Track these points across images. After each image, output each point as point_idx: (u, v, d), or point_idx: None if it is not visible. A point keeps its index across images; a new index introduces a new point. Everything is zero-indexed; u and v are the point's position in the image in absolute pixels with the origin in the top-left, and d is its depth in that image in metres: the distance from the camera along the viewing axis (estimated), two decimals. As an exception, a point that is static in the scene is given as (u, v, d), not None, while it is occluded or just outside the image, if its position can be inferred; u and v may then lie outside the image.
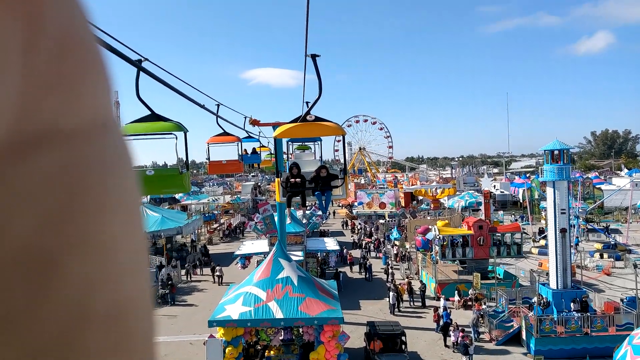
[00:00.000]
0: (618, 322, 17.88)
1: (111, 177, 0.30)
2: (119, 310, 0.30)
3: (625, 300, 19.48)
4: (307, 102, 10.07)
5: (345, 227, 49.98)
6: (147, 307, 0.32)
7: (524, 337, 18.73)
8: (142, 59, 4.73)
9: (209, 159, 11.58)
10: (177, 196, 59.84)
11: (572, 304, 18.98)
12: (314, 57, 6.82)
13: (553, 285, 19.85)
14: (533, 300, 19.87)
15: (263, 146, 16.88)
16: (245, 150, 13.71)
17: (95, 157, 0.29)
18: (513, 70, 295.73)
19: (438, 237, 24.71)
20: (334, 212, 57.67)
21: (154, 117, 5.78)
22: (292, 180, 7.78)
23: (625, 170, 75.99)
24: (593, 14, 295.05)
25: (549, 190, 19.97)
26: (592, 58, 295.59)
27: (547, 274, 21.80)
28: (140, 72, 4.78)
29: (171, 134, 5.91)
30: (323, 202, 7.99)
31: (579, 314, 18.39)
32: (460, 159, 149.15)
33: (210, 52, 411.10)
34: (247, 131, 14.04)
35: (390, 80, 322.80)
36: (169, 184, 6.30)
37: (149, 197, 47.18)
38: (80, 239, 0.28)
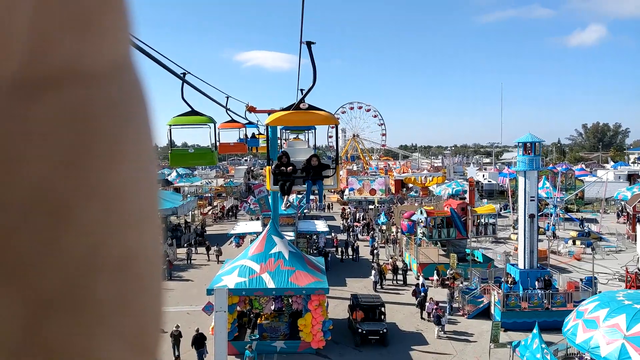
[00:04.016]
0: (576, 299, 20.17)
1: (127, 121, 0.30)
2: (131, 259, 0.30)
3: (584, 280, 21.84)
4: (301, 90, 10.15)
5: (326, 211, 52.32)
6: (157, 257, 0.33)
7: (492, 311, 21.04)
8: (185, 72, 6.78)
9: (219, 141, 13.77)
10: (169, 178, 61.66)
11: (536, 282, 21.29)
12: (309, 44, 6.87)
13: (521, 265, 22.14)
14: (503, 279, 22.16)
15: (260, 133, 18.83)
16: (246, 135, 15.86)
17: (111, 100, 0.29)
18: (508, 61, 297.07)
19: (424, 218, 27.20)
20: (323, 196, 59.93)
21: (193, 112, 8.10)
22: (283, 168, 7.94)
23: (612, 163, 78.66)
24: (586, 7, 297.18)
25: (521, 179, 22.17)
26: (585, 51, 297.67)
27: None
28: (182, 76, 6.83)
29: (206, 125, 8.21)
30: (315, 191, 8.24)
31: (542, 291, 20.70)
32: (454, 148, 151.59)
33: (203, 31, 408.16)
34: (247, 119, 15.98)
35: (385, 68, 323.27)
36: (204, 158, 9.04)
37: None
38: (93, 184, 0.28)
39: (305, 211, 41.42)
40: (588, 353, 13.86)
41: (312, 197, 38.43)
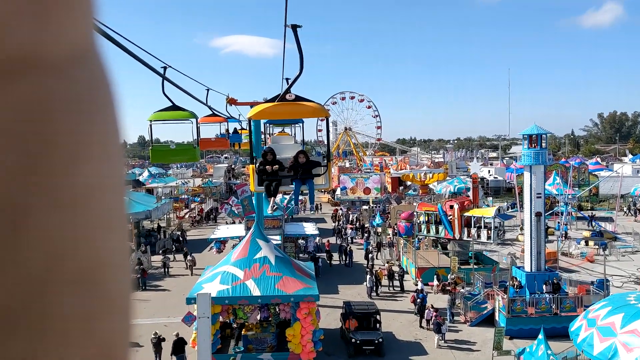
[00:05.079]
0: (587, 303, 20.94)
1: (92, 116, 0.29)
2: (96, 270, 0.29)
3: (595, 282, 22.65)
4: (286, 79, 10.18)
5: (315, 212, 52.88)
6: (125, 267, 0.32)
7: (497, 318, 21.76)
8: (166, 65, 7.33)
9: (199, 135, 14.57)
10: (141, 178, 62.00)
11: (544, 286, 22.05)
12: (294, 28, 6.82)
13: (527, 267, 22.90)
14: (508, 283, 22.89)
15: (243, 128, 19.34)
16: (227, 129, 16.44)
17: (74, 92, 0.29)
18: (515, 46, 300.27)
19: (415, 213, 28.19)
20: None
21: (174, 107, 8.68)
22: (268, 167, 7.89)
23: (630, 156, 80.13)
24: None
25: (526, 175, 22.95)
26: (600, 32, 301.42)
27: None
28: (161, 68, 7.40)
29: (188, 120, 8.83)
30: (303, 191, 8.17)
31: (550, 296, 21.45)
32: (456, 141, 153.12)
33: (169, 11, 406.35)
34: (228, 113, 16.53)
35: (380, 54, 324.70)
36: (186, 154, 9.76)
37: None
38: (54, 187, 0.27)
39: (295, 213, 41.87)
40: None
41: (300, 197, 38.92)
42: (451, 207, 28.57)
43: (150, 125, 9.51)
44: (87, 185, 0.29)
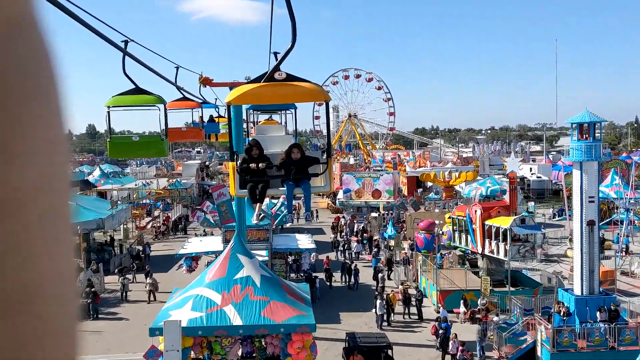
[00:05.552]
0: (651, 334, 21.28)
1: (27, 99, 0.29)
2: (31, 294, 0.29)
3: (662, 309, 22.96)
4: (275, 53, 10.14)
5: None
6: (69, 288, 0.33)
7: (539, 353, 22.02)
8: (128, 39, 7.60)
9: (167, 125, 14.85)
10: (91, 178, 62.22)
11: (598, 313, 22.31)
12: None
13: (577, 290, 23.17)
14: (553, 310, 23.16)
15: (221, 116, 19.58)
16: (201, 117, 16.72)
17: (5, 71, 0.28)
18: (564, 10, 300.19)
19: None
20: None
21: (138, 90, 8.95)
22: (253, 165, 7.85)
23: None
24: None
25: (575, 173, 23.21)
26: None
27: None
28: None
29: (154, 105, 9.12)
30: (296, 195, 8.11)
31: (606, 325, 21.71)
32: (490, 131, 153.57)
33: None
34: (202, 96, 16.76)
35: (395, 22, 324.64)
36: (151, 148, 10.03)
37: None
38: None
39: (288, 223, 41.96)
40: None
41: (293, 202, 38.67)
42: (475, 212, 28.90)
43: (108, 113, 9.77)
44: (23, 185, 0.28)
